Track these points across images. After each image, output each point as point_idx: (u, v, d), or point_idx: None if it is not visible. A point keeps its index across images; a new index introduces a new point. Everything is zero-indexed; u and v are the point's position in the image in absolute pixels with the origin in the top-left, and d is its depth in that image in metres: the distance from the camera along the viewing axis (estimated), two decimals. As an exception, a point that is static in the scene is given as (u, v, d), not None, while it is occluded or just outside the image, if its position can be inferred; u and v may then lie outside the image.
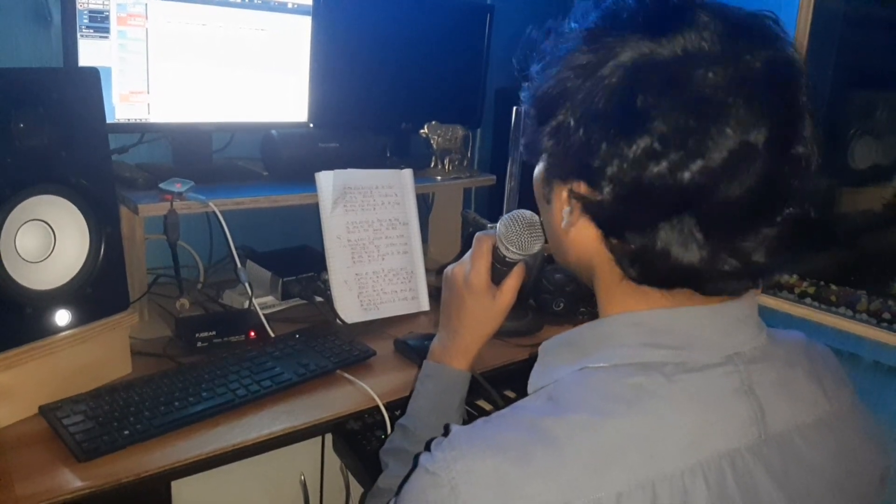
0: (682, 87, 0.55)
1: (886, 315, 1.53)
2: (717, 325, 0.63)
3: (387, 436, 1.10)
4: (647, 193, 0.57)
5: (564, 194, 0.65)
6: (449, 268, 0.98)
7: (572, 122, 0.60)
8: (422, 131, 1.72)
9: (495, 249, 0.92)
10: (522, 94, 0.67)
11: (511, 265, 0.93)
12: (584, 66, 0.59)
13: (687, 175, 0.55)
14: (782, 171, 0.57)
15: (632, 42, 0.57)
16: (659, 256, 0.59)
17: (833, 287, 1.64)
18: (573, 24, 0.63)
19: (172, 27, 1.39)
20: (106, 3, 1.31)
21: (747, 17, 0.59)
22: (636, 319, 0.64)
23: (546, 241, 0.80)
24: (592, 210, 0.62)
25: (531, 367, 0.71)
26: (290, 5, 1.53)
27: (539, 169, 0.70)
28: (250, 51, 1.51)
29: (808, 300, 1.65)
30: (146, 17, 1.36)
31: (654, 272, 0.61)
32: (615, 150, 0.57)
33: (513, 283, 0.93)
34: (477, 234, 0.94)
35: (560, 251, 0.72)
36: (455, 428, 0.62)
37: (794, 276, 1.71)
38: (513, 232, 0.89)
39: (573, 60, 0.60)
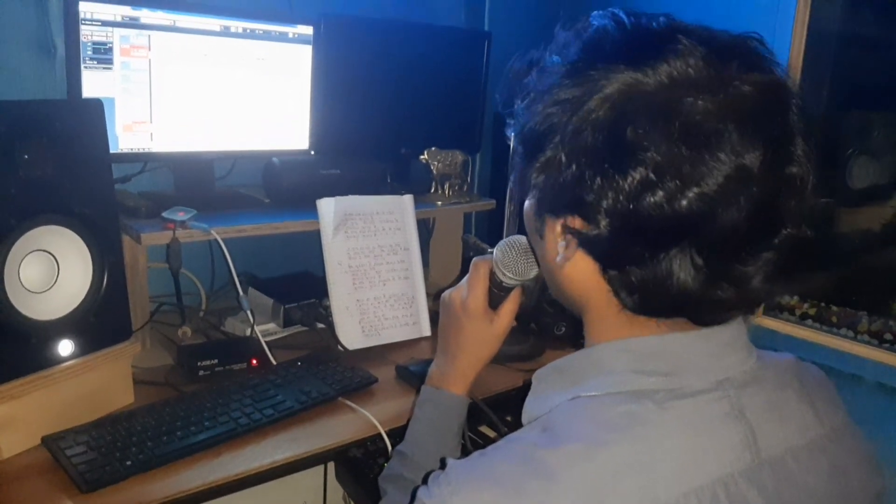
0: (672, 117, 0.55)
1: (888, 336, 1.53)
2: (706, 350, 0.64)
3: (389, 463, 1.10)
4: (645, 224, 0.57)
5: (558, 228, 0.64)
6: (446, 292, 0.98)
7: (563, 158, 0.59)
8: (422, 157, 1.73)
9: (492, 274, 0.93)
10: (508, 131, 0.67)
11: (508, 290, 0.93)
12: (569, 100, 0.59)
13: (684, 203, 0.55)
14: (778, 193, 0.57)
15: (616, 74, 0.57)
16: (659, 286, 0.59)
17: (834, 308, 1.64)
18: (555, 58, 0.63)
19: (175, 57, 1.41)
20: (109, 34, 1.33)
21: (733, 40, 0.59)
22: (625, 346, 0.65)
23: None
24: (589, 244, 0.62)
25: (526, 394, 0.72)
26: (290, 35, 1.55)
27: (529, 204, 0.70)
28: (251, 80, 1.52)
29: (809, 321, 1.65)
30: (149, 49, 1.38)
31: (654, 302, 0.62)
32: (610, 184, 0.57)
33: (510, 307, 0.94)
34: (474, 259, 0.95)
35: (555, 284, 0.72)
36: (451, 461, 0.63)
37: (795, 298, 1.71)
38: (509, 257, 0.90)
39: (558, 95, 0.60)
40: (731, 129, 0.54)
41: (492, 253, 0.93)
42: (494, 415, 1.09)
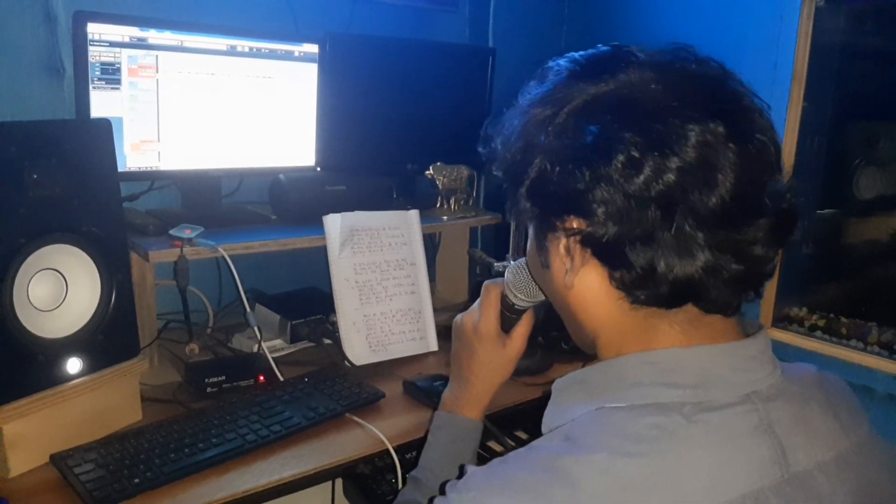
0: (637, 103, 0.61)
1: (898, 346, 1.52)
2: (731, 364, 0.63)
3: (397, 479, 1.10)
4: (639, 203, 0.59)
5: (561, 247, 0.66)
6: (458, 317, 0.98)
7: (548, 166, 0.63)
8: (427, 172, 1.74)
9: (504, 297, 0.93)
10: (494, 168, 0.72)
11: (520, 312, 0.94)
12: (541, 121, 0.65)
13: (671, 177, 0.58)
14: (752, 159, 0.59)
15: (578, 91, 0.63)
16: (665, 270, 0.60)
17: (843, 319, 1.63)
18: (521, 99, 0.69)
19: (182, 77, 1.43)
20: (117, 55, 1.34)
21: (672, 49, 0.66)
22: (649, 359, 0.64)
23: None
24: (591, 241, 0.63)
25: (544, 405, 0.71)
26: (296, 54, 1.57)
27: (530, 238, 0.72)
28: (258, 98, 1.54)
29: (819, 333, 1.64)
30: (157, 69, 1.39)
31: (663, 288, 0.61)
32: (598, 173, 0.60)
33: (523, 330, 0.94)
34: (485, 282, 0.95)
35: (568, 312, 0.72)
36: (470, 468, 0.62)
37: (804, 309, 1.70)
38: (520, 280, 0.89)
39: (531, 121, 0.66)
40: (688, 104, 0.59)
41: (503, 266, 0.93)
42: (500, 432, 1.08)
